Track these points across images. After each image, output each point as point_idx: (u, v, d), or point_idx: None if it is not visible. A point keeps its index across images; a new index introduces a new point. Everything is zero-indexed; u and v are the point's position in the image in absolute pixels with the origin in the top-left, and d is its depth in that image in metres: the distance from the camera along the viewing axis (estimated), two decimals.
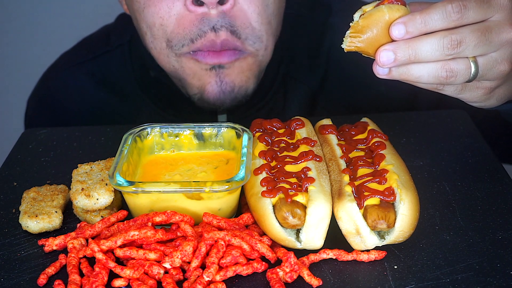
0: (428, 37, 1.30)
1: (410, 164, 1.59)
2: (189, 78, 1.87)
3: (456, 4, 1.29)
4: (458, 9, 1.30)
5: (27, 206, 1.55)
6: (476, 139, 1.81)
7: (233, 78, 1.86)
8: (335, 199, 1.43)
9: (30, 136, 1.92)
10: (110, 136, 1.89)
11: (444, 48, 1.30)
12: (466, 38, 1.31)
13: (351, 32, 1.36)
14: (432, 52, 1.30)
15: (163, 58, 1.87)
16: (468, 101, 1.46)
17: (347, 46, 1.37)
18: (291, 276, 1.35)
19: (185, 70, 1.86)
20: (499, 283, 1.33)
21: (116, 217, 1.48)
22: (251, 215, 1.48)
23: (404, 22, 1.31)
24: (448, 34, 1.30)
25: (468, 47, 1.31)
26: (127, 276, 1.35)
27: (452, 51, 1.31)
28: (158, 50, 1.86)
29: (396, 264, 1.39)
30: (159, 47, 1.85)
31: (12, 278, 1.40)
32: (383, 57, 1.32)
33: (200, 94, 1.88)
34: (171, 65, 1.87)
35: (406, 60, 1.32)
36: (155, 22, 1.80)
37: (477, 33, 1.31)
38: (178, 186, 1.45)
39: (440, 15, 1.30)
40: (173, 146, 1.67)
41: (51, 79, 2.30)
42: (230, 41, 1.79)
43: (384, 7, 1.34)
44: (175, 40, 1.80)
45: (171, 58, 1.85)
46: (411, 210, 1.40)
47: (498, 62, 1.36)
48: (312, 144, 1.57)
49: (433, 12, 1.30)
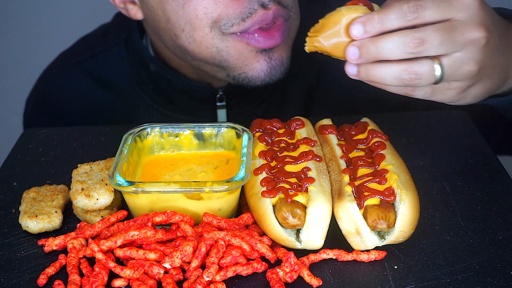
0: (392, 35, 1.31)
1: (410, 164, 1.59)
2: (233, 59, 1.85)
3: (412, 4, 1.30)
4: (414, 9, 1.31)
5: (27, 206, 1.54)
6: (476, 139, 1.81)
7: (280, 52, 1.87)
8: (335, 199, 1.43)
9: (30, 136, 1.93)
10: (110, 136, 1.89)
11: (406, 46, 1.30)
12: (429, 37, 1.31)
13: (310, 33, 1.39)
14: (395, 50, 1.31)
15: (203, 46, 1.84)
16: (443, 102, 1.46)
17: (307, 47, 1.41)
18: (291, 276, 1.35)
19: (230, 51, 1.83)
20: (499, 283, 1.33)
21: (116, 217, 1.48)
22: (251, 215, 1.48)
23: (362, 21, 1.33)
24: (411, 32, 1.30)
25: (431, 46, 1.31)
26: (127, 276, 1.35)
27: (415, 50, 1.31)
28: (198, 41, 1.83)
29: (396, 264, 1.39)
30: (200, 36, 1.82)
31: (12, 278, 1.40)
32: (349, 53, 1.35)
33: (246, 73, 1.87)
34: (214, 47, 1.83)
35: (370, 57, 1.33)
36: (198, 14, 1.78)
37: (440, 32, 1.31)
38: (178, 186, 1.45)
39: (396, 14, 1.31)
40: (173, 146, 1.67)
41: (49, 78, 2.30)
42: (280, 12, 1.81)
43: (342, 8, 1.37)
44: (224, 20, 1.78)
45: (216, 40, 1.82)
46: (411, 210, 1.40)
47: (464, 62, 1.35)
48: (312, 144, 1.57)
49: (389, 11, 1.31)
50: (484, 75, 1.40)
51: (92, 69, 2.20)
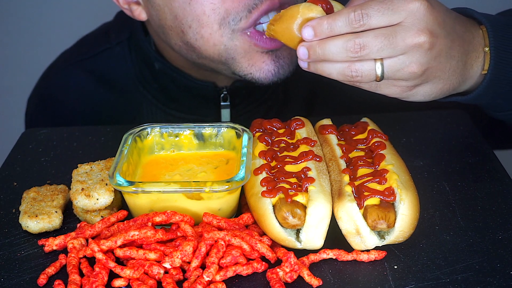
0: (336, 40, 1.43)
1: (410, 164, 1.59)
2: (240, 57, 1.85)
3: (358, 13, 1.41)
4: (359, 18, 1.41)
5: (27, 206, 1.55)
6: (476, 139, 1.81)
7: (290, 50, 1.86)
8: (335, 199, 1.43)
9: (30, 136, 1.93)
10: (110, 136, 1.89)
11: (347, 51, 1.42)
12: (369, 43, 1.41)
13: (271, 20, 1.56)
14: (338, 53, 1.43)
15: (211, 43, 1.83)
16: (390, 96, 1.54)
17: (266, 31, 1.58)
18: (291, 276, 1.35)
19: (238, 49, 1.83)
20: (499, 283, 1.33)
21: (116, 217, 1.48)
22: (251, 215, 1.48)
23: (313, 25, 1.45)
24: (353, 38, 1.42)
25: (371, 51, 1.41)
26: (127, 276, 1.35)
27: (356, 54, 1.42)
28: (206, 38, 1.82)
29: (396, 264, 1.39)
30: (208, 33, 1.81)
31: (12, 278, 1.40)
32: (300, 53, 1.49)
33: (252, 74, 1.87)
34: (222, 45, 1.83)
35: (317, 58, 1.47)
36: (205, 10, 1.78)
37: (380, 38, 1.41)
38: (178, 186, 1.45)
39: (343, 22, 1.42)
40: (173, 146, 1.67)
41: (51, 78, 2.30)
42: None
43: (301, 5, 1.50)
44: (232, 15, 1.78)
45: (225, 38, 1.81)
46: (411, 210, 1.40)
47: (406, 64, 1.43)
48: (312, 144, 1.57)
49: (338, 18, 1.43)
50: (432, 76, 1.49)
51: (94, 68, 2.20)
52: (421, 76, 1.47)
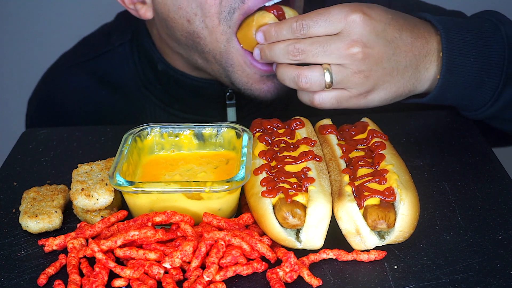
0: (280, 43, 1.65)
1: (410, 164, 1.59)
2: (237, 71, 1.85)
3: (299, 23, 1.61)
4: (300, 27, 1.61)
5: (27, 206, 1.55)
6: (476, 139, 1.81)
7: None
8: (335, 199, 1.43)
9: (30, 136, 1.92)
10: (110, 136, 1.89)
11: (288, 54, 1.63)
12: (306, 48, 1.61)
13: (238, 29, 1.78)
14: (282, 56, 1.64)
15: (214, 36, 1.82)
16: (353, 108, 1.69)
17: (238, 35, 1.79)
18: (291, 276, 1.35)
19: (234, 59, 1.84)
20: (499, 283, 1.33)
21: (116, 217, 1.48)
22: (251, 215, 1.48)
23: (263, 31, 1.69)
24: (293, 43, 1.63)
25: (307, 55, 1.61)
26: (127, 276, 1.35)
27: (295, 58, 1.63)
28: (210, 29, 1.81)
29: (396, 264, 1.39)
30: (211, 25, 1.80)
31: (12, 278, 1.40)
32: (254, 54, 1.74)
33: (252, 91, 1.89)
34: (222, 43, 1.83)
35: (267, 59, 1.70)
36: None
37: (315, 45, 1.61)
38: (178, 186, 1.45)
39: (287, 30, 1.64)
40: (173, 146, 1.67)
41: (51, 79, 2.29)
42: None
43: (256, 14, 1.74)
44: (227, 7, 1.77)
45: (224, 36, 1.81)
46: (411, 210, 1.40)
47: (351, 73, 1.61)
48: (312, 144, 1.57)
49: (283, 27, 1.64)
50: (381, 81, 1.64)
51: (96, 70, 2.19)
52: (367, 82, 1.62)
